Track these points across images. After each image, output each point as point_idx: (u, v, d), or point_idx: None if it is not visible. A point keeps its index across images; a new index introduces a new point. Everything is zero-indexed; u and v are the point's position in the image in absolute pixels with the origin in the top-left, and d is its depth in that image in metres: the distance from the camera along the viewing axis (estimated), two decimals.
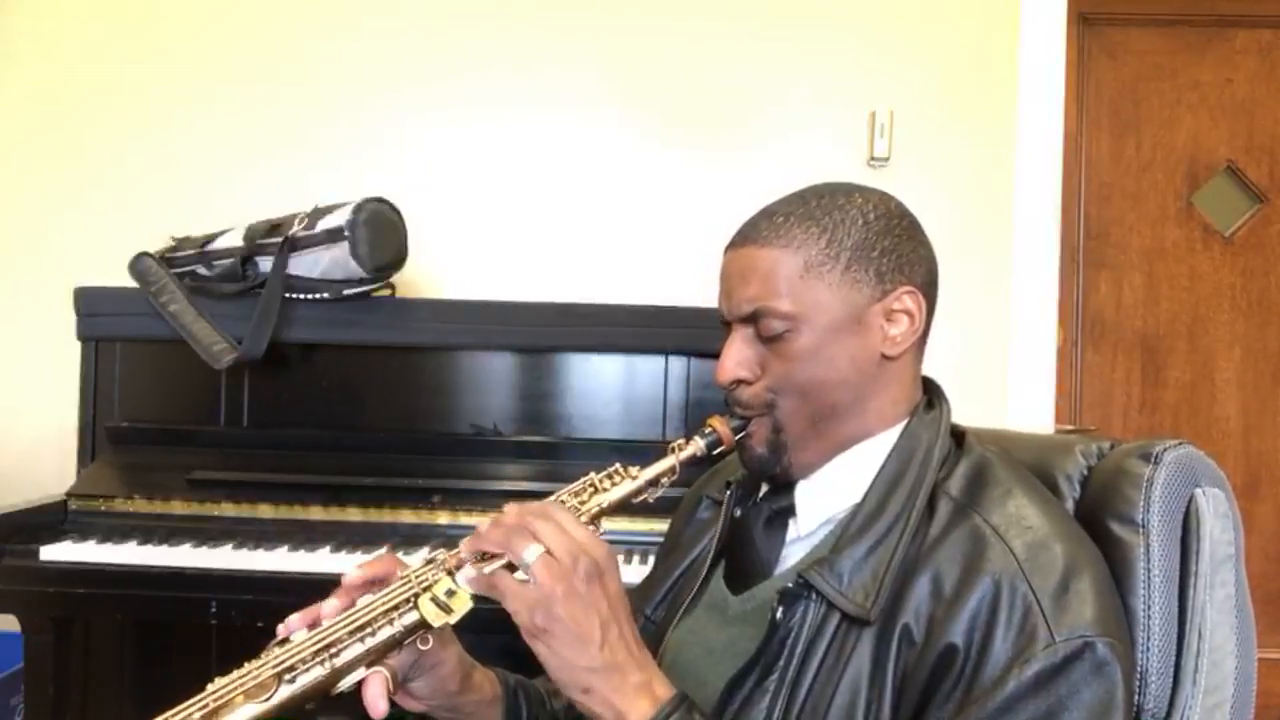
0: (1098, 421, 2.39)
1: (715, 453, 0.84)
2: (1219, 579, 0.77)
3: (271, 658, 0.74)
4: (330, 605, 0.78)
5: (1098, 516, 0.80)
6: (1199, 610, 0.76)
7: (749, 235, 0.83)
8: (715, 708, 0.77)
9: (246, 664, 0.75)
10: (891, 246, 0.81)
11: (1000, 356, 2.26)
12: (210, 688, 0.73)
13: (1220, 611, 0.77)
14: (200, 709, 0.71)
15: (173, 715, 0.71)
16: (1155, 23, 2.39)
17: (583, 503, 0.80)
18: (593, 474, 0.82)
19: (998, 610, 0.69)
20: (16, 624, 1.65)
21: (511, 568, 0.75)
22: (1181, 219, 2.41)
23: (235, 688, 0.72)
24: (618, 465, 0.83)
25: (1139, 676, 0.75)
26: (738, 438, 0.84)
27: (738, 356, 0.83)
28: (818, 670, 0.74)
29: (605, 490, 0.81)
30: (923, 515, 0.76)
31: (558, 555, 0.71)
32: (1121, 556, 0.78)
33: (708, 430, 0.84)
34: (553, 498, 0.80)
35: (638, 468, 0.82)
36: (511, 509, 0.76)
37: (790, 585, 0.77)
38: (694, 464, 0.84)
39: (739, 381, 0.83)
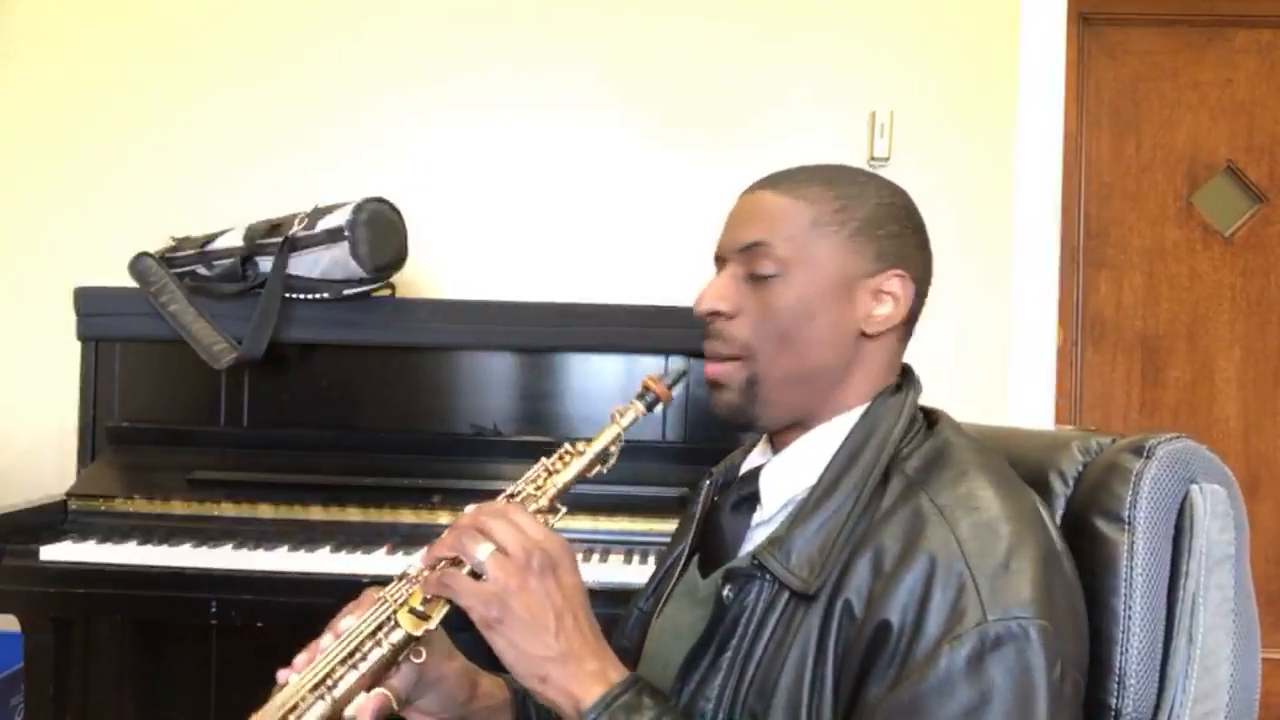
0: (1098, 421, 2.39)
1: (654, 410, 0.86)
2: (1214, 580, 0.74)
3: (275, 702, 0.75)
4: (324, 639, 0.79)
5: (1085, 514, 0.79)
6: (1188, 613, 0.74)
7: (766, 182, 0.86)
8: (673, 686, 0.79)
9: (252, 716, 0.75)
10: (896, 233, 0.83)
11: (1000, 356, 2.26)
12: None
13: (1215, 615, 0.74)
14: None
15: None
16: (1155, 23, 2.39)
17: (539, 488, 0.82)
18: (544, 459, 0.84)
19: (932, 587, 0.69)
20: (16, 624, 1.65)
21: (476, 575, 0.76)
22: (1181, 219, 2.41)
23: None
24: (566, 445, 0.84)
25: (1116, 678, 0.74)
26: (674, 390, 0.86)
27: (720, 289, 0.84)
28: (766, 646, 0.75)
29: (558, 471, 0.83)
30: (875, 493, 0.77)
31: (510, 551, 0.74)
32: (1105, 554, 0.76)
33: (644, 390, 0.86)
34: (510, 488, 0.82)
35: (584, 443, 0.84)
36: (469, 512, 0.78)
37: (736, 565, 0.79)
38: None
39: (716, 314, 0.84)
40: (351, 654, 0.76)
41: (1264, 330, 2.40)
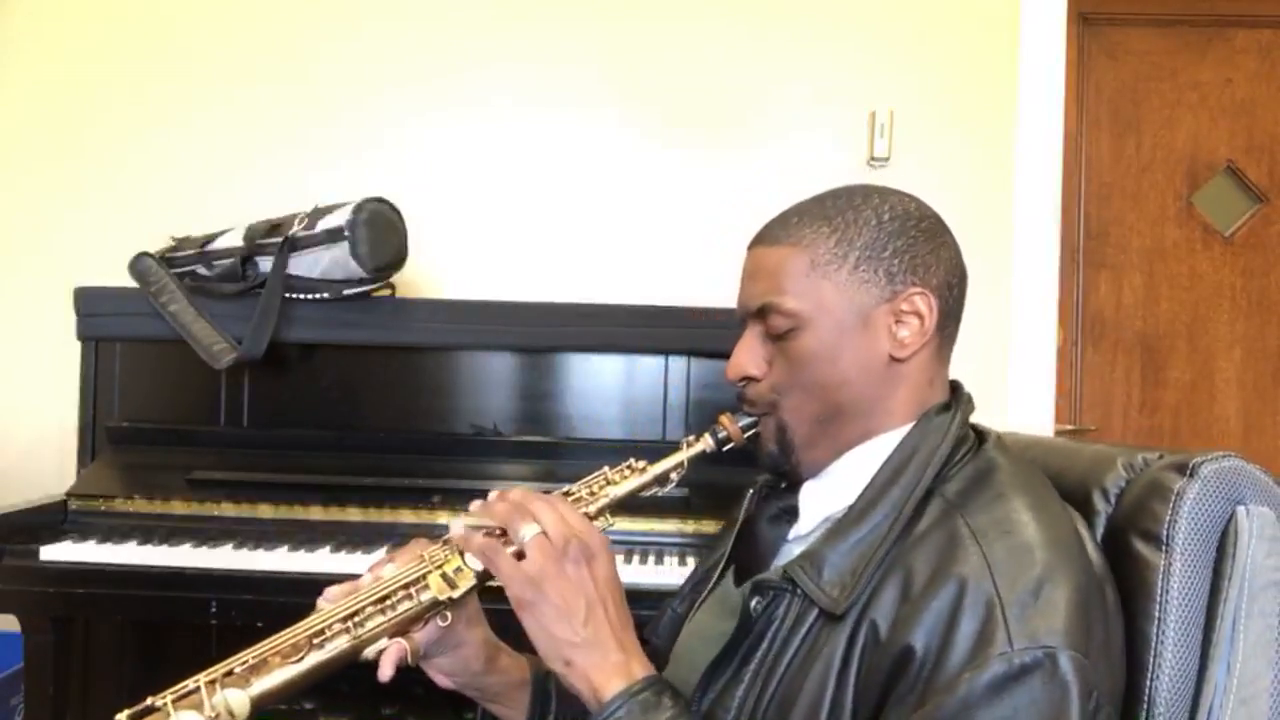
0: (1098, 422, 2.39)
1: (725, 449, 0.86)
2: (1257, 608, 0.70)
3: (306, 623, 0.79)
4: (364, 578, 0.84)
5: (1123, 533, 0.76)
6: (1223, 641, 0.70)
7: (764, 234, 0.85)
8: (694, 691, 0.79)
9: (284, 630, 0.79)
10: (904, 247, 0.81)
11: (1000, 356, 2.26)
12: (252, 647, 0.78)
13: (1256, 645, 0.70)
14: (240, 663, 0.76)
15: (217, 669, 0.76)
16: (1155, 23, 2.39)
17: (593, 494, 0.85)
18: (606, 468, 0.87)
19: (959, 613, 0.67)
20: (16, 624, 1.65)
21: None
22: (1181, 219, 2.41)
23: (272, 648, 0.77)
24: (631, 460, 0.86)
25: (1145, 705, 0.71)
26: (747, 435, 0.86)
27: (747, 353, 0.85)
28: (790, 662, 0.75)
29: (615, 484, 0.85)
30: (913, 515, 0.76)
31: (551, 537, 0.77)
32: (1140, 576, 0.73)
33: (717, 428, 0.86)
34: (565, 488, 0.85)
35: (647, 463, 0.86)
36: (517, 490, 0.82)
37: (765, 578, 0.79)
38: (704, 460, 0.87)
39: (747, 378, 0.85)
40: (383, 599, 0.80)
41: (1264, 330, 2.40)
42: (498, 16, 2.27)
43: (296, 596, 1.54)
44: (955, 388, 0.87)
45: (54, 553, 1.60)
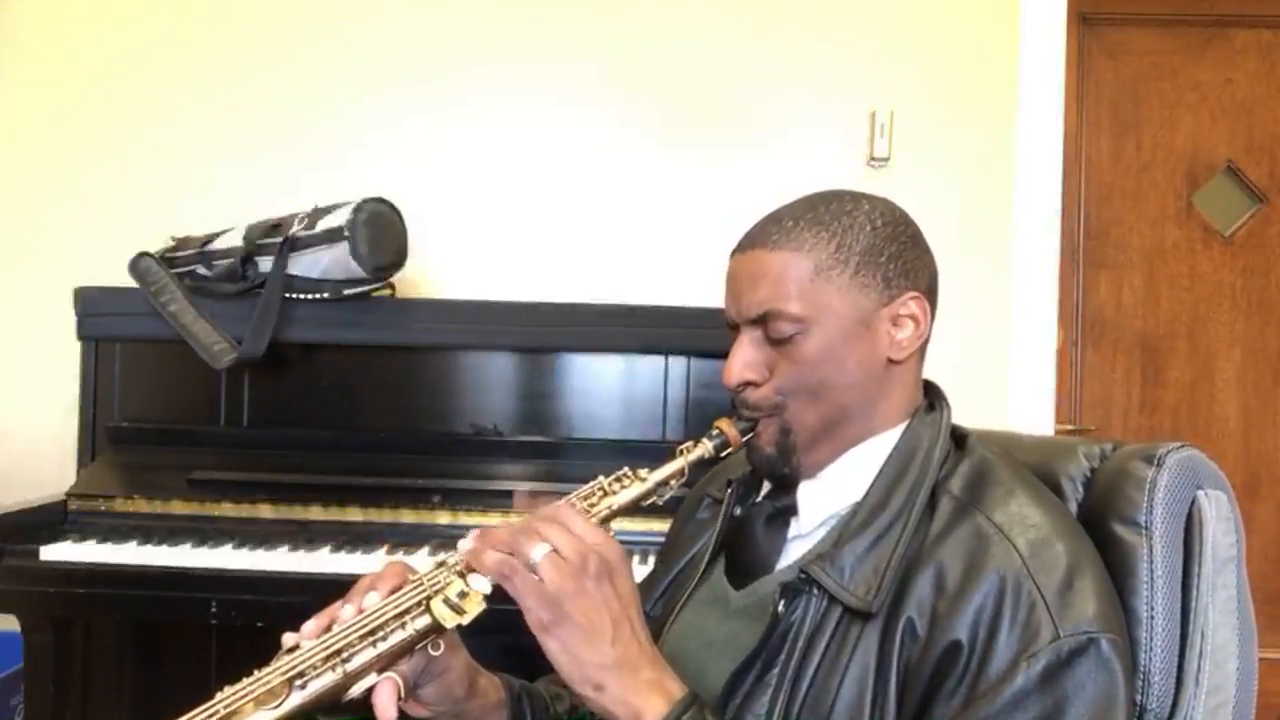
0: (1098, 422, 2.39)
1: (723, 455, 0.85)
2: (1221, 581, 0.78)
3: (282, 664, 0.73)
4: (344, 611, 0.77)
5: (1101, 518, 0.81)
6: (1201, 611, 0.77)
7: (758, 239, 0.84)
8: (718, 701, 0.78)
9: (256, 671, 0.73)
10: (898, 253, 0.82)
11: (1000, 356, 2.25)
12: (219, 695, 0.72)
13: (1222, 613, 0.78)
14: (209, 715, 0.70)
15: None
16: (1155, 23, 2.39)
17: (592, 505, 0.81)
18: (602, 477, 0.83)
19: (1003, 606, 0.70)
20: (16, 624, 1.65)
21: None
22: (1181, 219, 2.41)
23: (245, 695, 0.71)
24: (626, 469, 0.83)
25: (1142, 676, 0.76)
26: (745, 439, 0.85)
27: (746, 359, 0.83)
28: (819, 665, 0.75)
29: (614, 493, 0.82)
30: (924, 512, 0.77)
31: (565, 555, 0.72)
32: (1124, 557, 0.78)
33: (715, 432, 0.85)
34: (562, 501, 0.81)
35: (646, 470, 0.83)
36: (524, 517, 0.77)
37: (792, 579, 0.78)
38: (702, 466, 0.85)
39: (747, 384, 0.84)
40: (373, 631, 0.74)
41: (1264, 330, 2.40)
42: (498, 17, 2.27)
43: (296, 596, 1.56)
44: (931, 387, 0.89)
45: (54, 553, 1.60)
